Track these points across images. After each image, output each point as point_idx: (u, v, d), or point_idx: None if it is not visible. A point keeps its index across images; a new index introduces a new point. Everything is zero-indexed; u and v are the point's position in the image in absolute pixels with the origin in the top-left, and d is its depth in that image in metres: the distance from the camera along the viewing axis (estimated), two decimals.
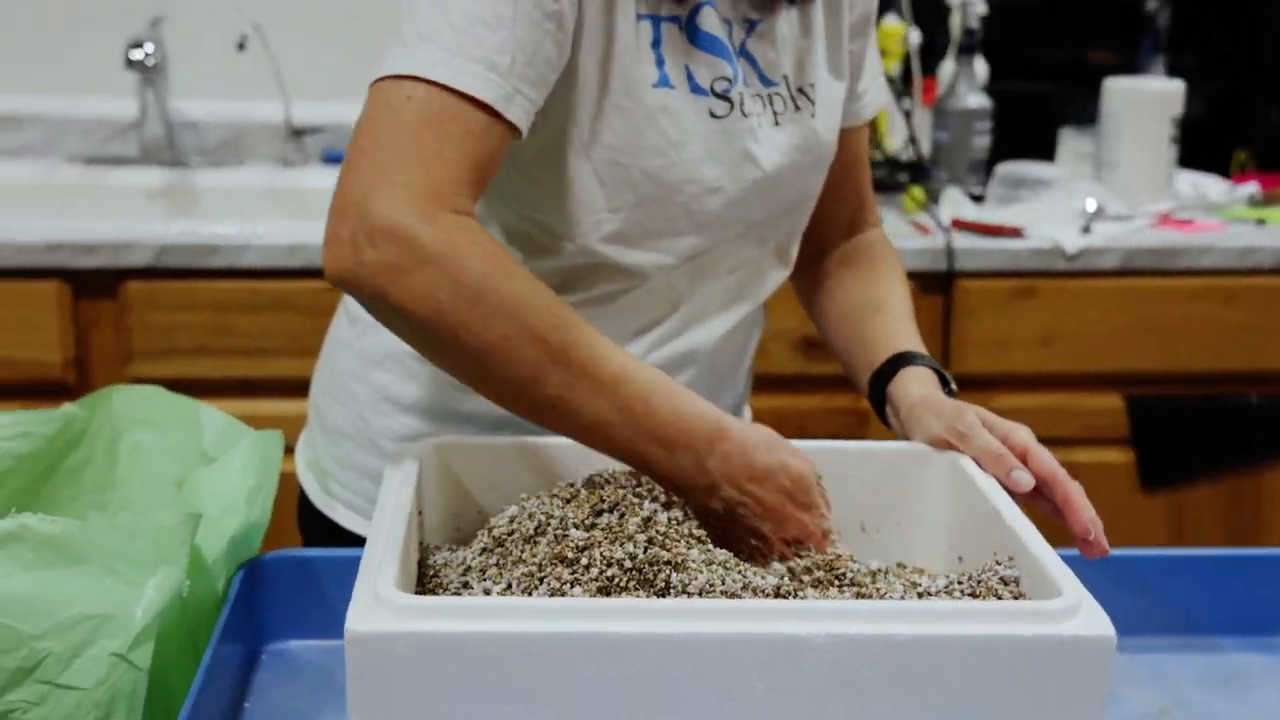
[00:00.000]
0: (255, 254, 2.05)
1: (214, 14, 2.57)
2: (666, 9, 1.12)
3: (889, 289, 1.32)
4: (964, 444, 1.07)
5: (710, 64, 1.14)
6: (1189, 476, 2.24)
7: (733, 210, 1.18)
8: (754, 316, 1.31)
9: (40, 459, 1.10)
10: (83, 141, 2.57)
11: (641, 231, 1.15)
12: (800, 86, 1.21)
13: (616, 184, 1.12)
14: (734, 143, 1.16)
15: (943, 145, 2.43)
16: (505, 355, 0.97)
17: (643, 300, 1.20)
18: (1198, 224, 2.29)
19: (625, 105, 1.11)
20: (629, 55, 1.10)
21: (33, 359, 2.02)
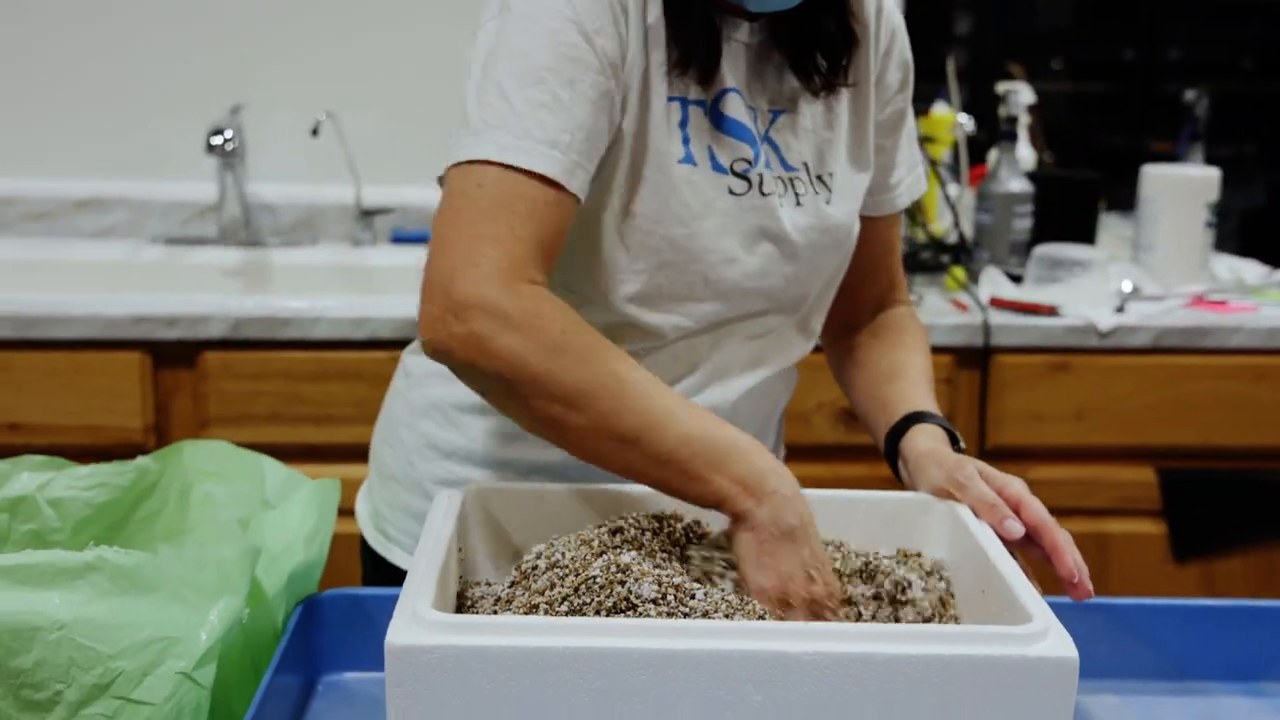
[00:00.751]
0: (325, 327, 2.14)
1: (290, 102, 2.68)
2: (694, 94, 1.22)
3: (910, 356, 1.40)
4: (962, 493, 1.15)
5: (732, 146, 1.24)
6: (1220, 548, 2.27)
7: (750, 281, 1.26)
8: (778, 381, 1.38)
9: (116, 508, 1.19)
10: (164, 223, 2.67)
11: (661, 294, 1.24)
12: (819, 174, 1.30)
13: (640, 249, 1.22)
14: (750, 219, 1.25)
15: (985, 227, 2.50)
16: (589, 394, 1.06)
17: (663, 361, 1.28)
18: (1231, 305, 2.34)
19: (654, 177, 1.20)
20: (659, 131, 1.20)
21: (117, 425, 2.10)
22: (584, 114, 1.13)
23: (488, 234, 1.09)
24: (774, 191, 1.26)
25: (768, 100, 1.28)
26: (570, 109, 1.13)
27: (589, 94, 1.14)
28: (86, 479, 1.19)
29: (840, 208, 1.31)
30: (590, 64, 1.14)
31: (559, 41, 1.13)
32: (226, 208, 2.63)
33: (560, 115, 1.12)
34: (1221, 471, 2.27)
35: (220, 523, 1.18)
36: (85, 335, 2.09)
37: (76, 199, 2.65)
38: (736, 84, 1.25)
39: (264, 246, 2.64)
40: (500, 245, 1.08)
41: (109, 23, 2.65)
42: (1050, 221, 2.54)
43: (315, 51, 2.70)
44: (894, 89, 1.36)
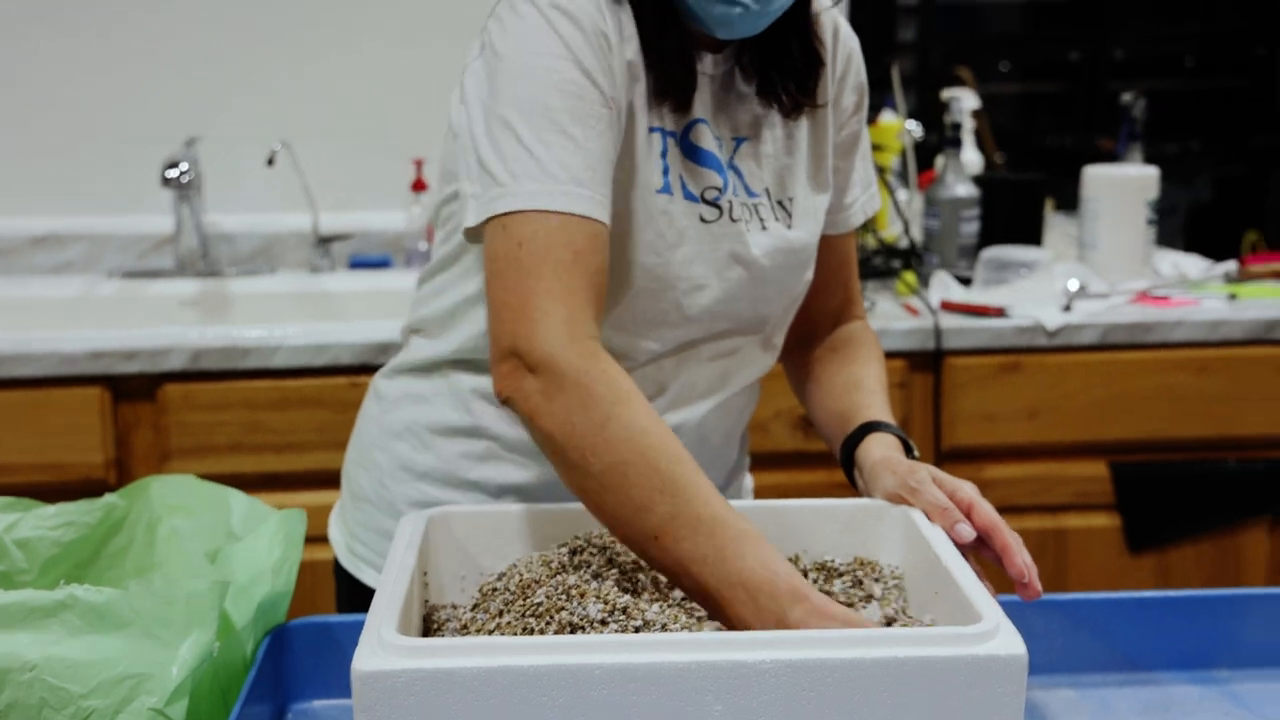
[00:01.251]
0: (284, 355, 2.14)
1: (245, 133, 2.68)
2: (669, 124, 1.25)
3: (864, 368, 1.42)
4: (915, 498, 1.17)
5: (702, 175, 1.27)
6: (1173, 538, 2.30)
7: (720, 306, 1.29)
8: (742, 397, 1.41)
9: (84, 546, 1.20)
10: (122, 256, 2.67)
11: (635, 320, 1.26)
12: (780, 200, 1.32)
13: (616, 275, 1.23)
14: (722, 245, 1.27)
15: (933, 232, 2.53)
16: (623, 479, 1.06)
17: (635, 373, 1.29)
18: (1174, 300, 2.37)
19: (633, 207, 1.23)
20: (642, 161, 1.23)
21: (78, 461, 2.10)
22: (597, 147, 1.16)
23: (541, 289, 1.11)
24: (742, 218, 1.29)
25: (732, 128, 1.30)
26: (585, 145, 1.15)
27: (598, 127, 1.16)
28: (53, 518, 1.20)
29: (802, 230, 1.34)
30: (594, 98, 1.17)
31: (561, 80, 1.16)
32: (183, 239, 2.63)
33: (579, 153, 1.15)
34: (1171, 463, 2.31)
35: (188, 556, 1.19)
36: (44, 372, 2.09)
37: (33, 235, 2.65)
38: (704, 114, 1.28)
39: (222, 276, 2.65)
40: (554, 298, 1.11)
41: (61, 60, 2.65)
42: (997, 224, 2.57)
43: (268, 82, 2.71)
44: (849, 111, 1.39)
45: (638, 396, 1.10)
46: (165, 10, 2.66)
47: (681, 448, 1.09)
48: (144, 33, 2.67)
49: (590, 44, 1.18)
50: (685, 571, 1.04)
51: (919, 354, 2.26)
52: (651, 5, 1.24)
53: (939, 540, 1.10)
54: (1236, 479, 2.30)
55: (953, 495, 1.17)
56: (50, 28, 2.64)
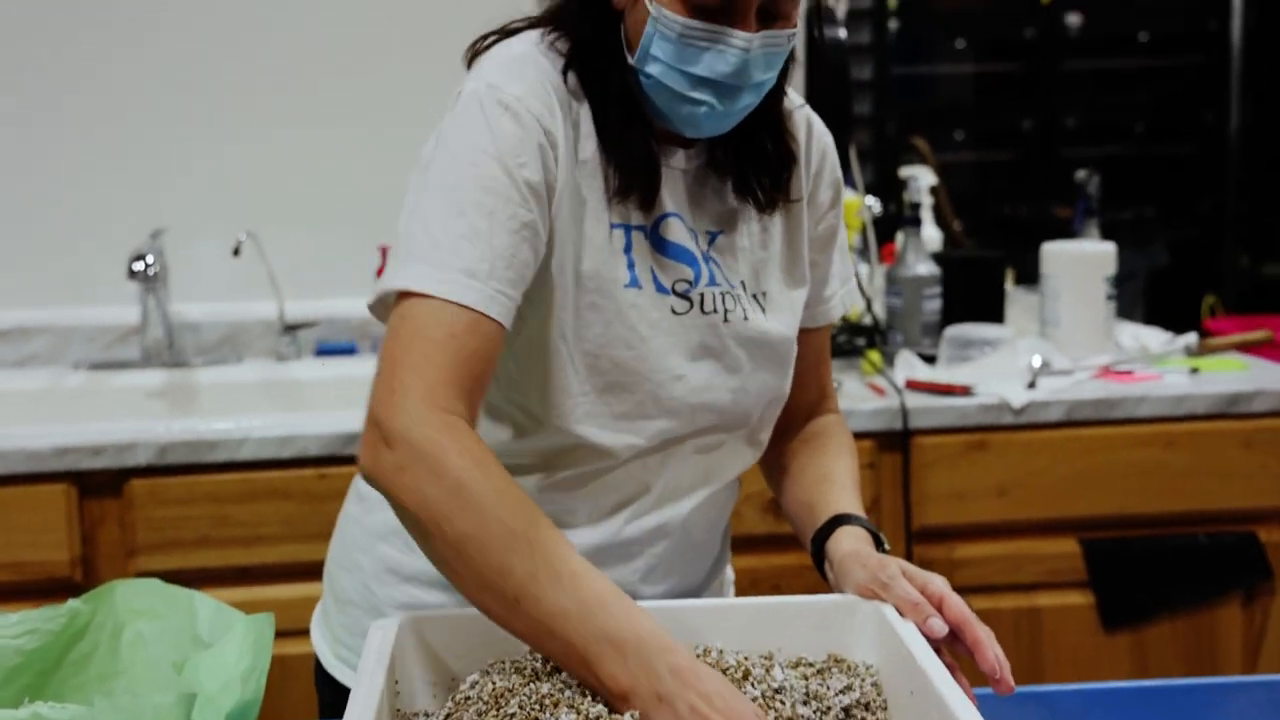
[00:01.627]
0: (251, 447, 2.13)
1: (211, 224, 2.68)
2: (635, 219, 1.26)
3: (835, 461, 1.43)
4: (886, 593, 1.17)
5: (673, 268, 1.28)
6: (1148, 615, 2.29)
7: (696, 396, 1.29)
8: (726, 490, 1.42)
9: (47, 653, 1.17)
10: (87, 348, 2.65)
11: (612, 414, 1.27)
12: (755, 292, 1.33)
13: (590, 371, 1.25)
14: (693, 336, 1.28)
15: (895, 310, 2.55)
16: (479, 544, 1.06)
17: (618, 480, 1.30)
18: (1137, 375, 2.39)
19: (599, 303, 1.24)
20: (601, 258, 1.24)
21: (42, 559, 2.07)
22: (502, 244, 1.16)
23: (408, 363, 1.12)
24: (713, 309, 1.29)
25: (708, 222, 1.31)
26: (489, 239, 1.16)
27: (508, 224, 1.17)
28: (16, 626, 1.18)
29: (777, 322, 1.34)
30: (510, 196, 1.17)
31: (480, 174, 1.17)
32: (149, 330, 2.62)
33: (479, 245, 1.15)
34: (1142, 539, 2.31)
35: (153, 663, 1.17)
36: (9, 470, 2.07)
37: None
38: (677, 208, 1.29)
39: (188, 367, 2.63)
40: (417, 373, 1.12)
41: (23, 152, 2.65)
42: (959, 301, 2.59)
43: (232, 172, 2.71)
44: (826, 206, 1.40)
45: (492, 463, 1.10)
46: (128, 103, 2.67)
47: (537, 509, 1.09)
48: (107, 125, 2.67)
49: (526, 143, 1.19)
50: (549, 631, 1.04)
51: (886, 434, 2.27)
52: (615, 103, 1.25)
53: (912, 637, 1.09)
54: (1208, 554, 2.30)
55: (923, 589, 1.16)
56: (12, 121, 2.64)
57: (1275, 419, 2.31)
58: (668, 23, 1.19)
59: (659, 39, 1.20)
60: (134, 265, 2.55)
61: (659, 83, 1.22)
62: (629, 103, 1.25)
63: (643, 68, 1.23)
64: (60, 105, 2.65)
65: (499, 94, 1.20)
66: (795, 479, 1.44)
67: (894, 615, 1.14)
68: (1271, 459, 2.30)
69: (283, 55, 2.71)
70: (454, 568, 1.09)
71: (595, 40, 1.25)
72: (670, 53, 1.20)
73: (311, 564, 2.10)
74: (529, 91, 1.21)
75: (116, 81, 2.66)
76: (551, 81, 1.24)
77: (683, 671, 1.00)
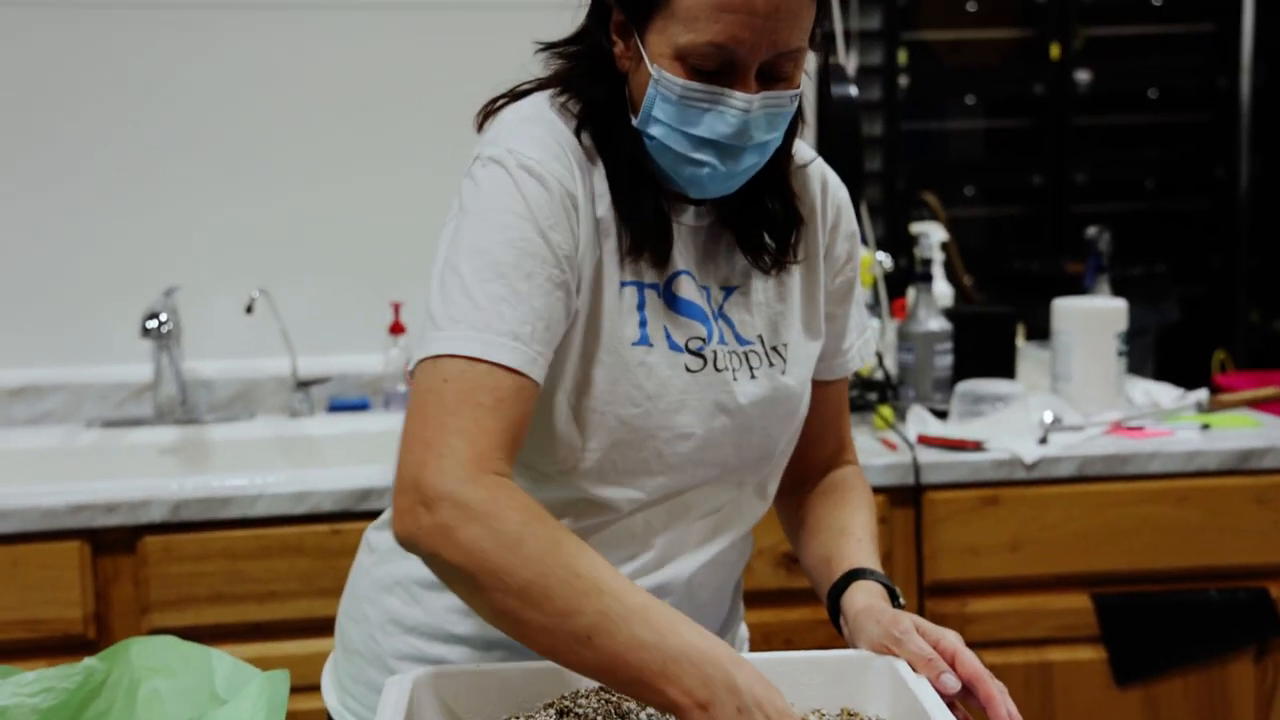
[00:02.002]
0: (265, 503, 2.13)
1: (223, 281, 2.71)
2: (649, 277, 1.28)
3: (853, 515, 1.43)
4: (899, 648, 1.18)
5: (686, 325, 1.29)
6: (1160, 670, 2.29)
7: (703, 453, 1.30)
8: (735, 550, 1.41)
9: (63, 712, 1.17)
10: (100, 405, 2.67)
11: (615, 470, 1.28)
12: (774, 346, 1.35)
13: (594, 427, 1.26)
14: (707, 394, 1.29)
15: (907, 366, 2.56)
16: (544, 589, 1.08)
17: (620, 535, 1.31)
18: (1149, 430, 2.39)
19: (606, 360, 1.25)
20: (612, 315, 1.25)
21: (57, 616, 2.07)
22: (542, 305, 1.18)
23: (455, 427, 1.13)
24: (727, 367, 1.31)
25: (720, 278, 1.33)
26: (529, 301, 1.18)
27: (545, 286, 1.19)
28: (32, 685, 1.18)
29: (794, 376, 1.36)
30: (546, 257, 1.19)
31: (515, 237, 1.19)
32: (163, 387, 2.64)
33: (520, 308, 1.17)
34: (1154, 595, 2.30)
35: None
36: (23, 528, 2.07)
37: (11, 387, 2.65)
38: (687, 266, 1.30)
39: (201, 423, 2.65)
40: (466, 437, 1.13)
41: (37, 210, 2.68)
42: (970, 357, 2.60)
43: (245, 230, 2.74)
44: (843, 260, 1.42)
45: (547, 516, 1.12)
46: (141, 164, 2.70)
47: (595, 554, 1.11)
48: (120, 185, 2.70)
49: (553, 205, 1.21)
50: (624, 662, 1.07)
51: (899, 489, 2.27)
52: (625, 165, 1.27)
53: (925, 692, 1.10)
54: (1219, 609, 2.29)
55: (936, 645, 1.17)
56: (26, 179, 2.68)
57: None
58: (668, 85, 1.21)
59: (660, 101, 1.22)
60: (147, 323, 2.58)
61: (662, 144, 1.24)
62: (638, 161, 1.27)
63: (645, 129, 1.25)
64: (74, 166, 2.68)
65: (521, 159, 1.22)
66: (812, 532, 1.45)
67: (907, 670, 1.15)
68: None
69: (292, 115, 2.74)
70: (519, 616, 1.10)
71: (605, 101, 1.28)
72: (671, 114, 1.22)
73: (325, 619, 2.10)
74: (549, 155, 1.23)
75: (128, 143, 2.70)
76: (567, 143, 1.26)
77: (757, 682, 1.04)
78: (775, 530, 1.88)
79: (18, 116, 2.66)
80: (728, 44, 1.18)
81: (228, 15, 2.70)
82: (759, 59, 1.20)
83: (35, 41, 2.65)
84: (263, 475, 2.18)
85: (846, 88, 2.73)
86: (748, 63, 1.20)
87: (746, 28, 1.17)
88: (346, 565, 1.49)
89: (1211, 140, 6.10)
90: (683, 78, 1.20)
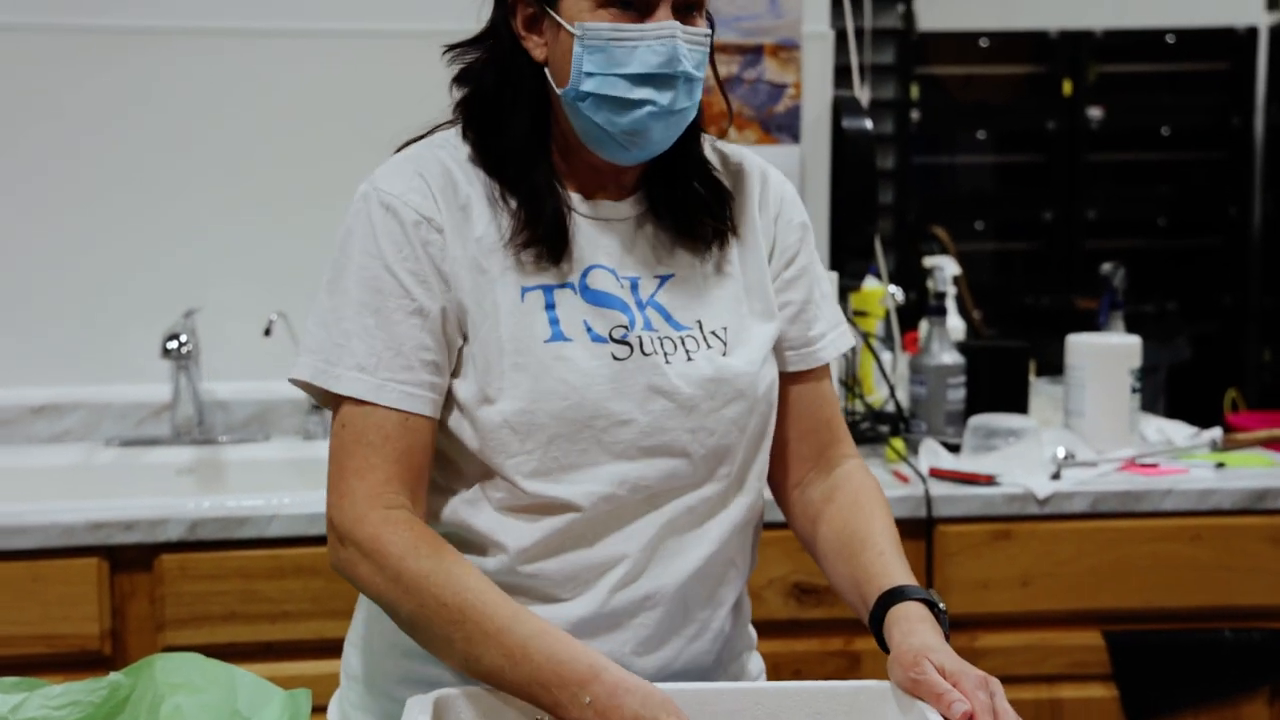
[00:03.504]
0: (280, 524, 2.15)
1: (242, 304, 2.71)
2: (554, 279, 1.33)
3: (869, 520, 1.40)
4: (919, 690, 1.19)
5: (606, 315, 1.34)
6: (1172, 710, 2.28)
7: (647, 439, 1.33)
8: (725, 556, 1.40)
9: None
10: (119, 424, 2.68)
11: (559, 466, 1.31)
12: (713, 330, 1.38)
13: (526, 427, 1.30)
14: (638, 378, 1.33)
15: (920, 399, 2.57)
16: (424, 621, 1.25)
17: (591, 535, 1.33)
18: (1162, 468, 2.39)
19: (520, 362, 1.30)
20: (515, 320, 1.31)
21: (74, 632, 2.08)
22: (392, 334, 1.29)
23: (350, 468, 1.29)
24: (656, 350, 1.34)
25: (651, 268, 1.38)
26: (375, 334, 1.29)
27: (394, 315, 1.29)
28: (59, 698, 1.20)
29: (740, 357, 1.38)
30: (393, 292, 1.30)
31: (365, 275, 1.31)
32: (180, 407, 2.65)
33: (368, 340, 1.29)
34: (1166, 633, 2.30)
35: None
36: (42, 544, 2.09)
37: (32, 405, 2.66)
38: (605, 260, 1.35)
39: (217, 444, 2.66)
40: (359, 476, 1.29)
41: (59, 234, 2.70)
42: (983, 391, 2.60)
43: (265, 255, 2.75)
44: (794, 248, 1.45)
45: (423, 546, 1.25)
46: (164, 187, 2.72)
47: (468, 573, 1.24)
48: (143, 210, 2.71)
49: (408, 239, 1.31)
50: (499, 682, 1.22)
51: (910, 521, 2.27)
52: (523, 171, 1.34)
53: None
54: (1233, 649, 2.29)
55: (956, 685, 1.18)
56: (50, 203, 2.70)
57: None
58: (596, 33, 1.29)
59: (589, 54, 1.29)
60: (167, 344, 2.60)
61: (598, 98, 1.30)
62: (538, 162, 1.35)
63: (578, 88, 1.30)
64: (97, 190, 2.70)
65: (381, 195, 1.33)
66: (834, 549, 1.41)
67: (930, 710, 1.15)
68: None
69: (308, 146, 2.74)
70: (422, 644, 1.27)
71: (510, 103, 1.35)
72: (602, 62, 1.29)
73: (337, 641, 2.10)
74: (409, 188, 1.34)
75: (153, 169, 2.71)
76: (434, 176, 1.35)
77: (599, 700, 1.16)
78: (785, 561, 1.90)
79: (42, 141, 2.68)
80: None
81: (254, 44, 2.72)
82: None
83: (61, 68, 2.67)
84: (278, 496, 2.20)
85: (862, 121, 2.76)
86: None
87: None
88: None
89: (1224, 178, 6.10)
90: (607, 24, 1.28)
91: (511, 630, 1.21)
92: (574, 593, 1.33)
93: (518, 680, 1.20)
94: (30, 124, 2.68)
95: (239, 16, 2.72)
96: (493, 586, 1.25)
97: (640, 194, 1.40)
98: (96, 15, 2.67)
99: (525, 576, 1.31)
